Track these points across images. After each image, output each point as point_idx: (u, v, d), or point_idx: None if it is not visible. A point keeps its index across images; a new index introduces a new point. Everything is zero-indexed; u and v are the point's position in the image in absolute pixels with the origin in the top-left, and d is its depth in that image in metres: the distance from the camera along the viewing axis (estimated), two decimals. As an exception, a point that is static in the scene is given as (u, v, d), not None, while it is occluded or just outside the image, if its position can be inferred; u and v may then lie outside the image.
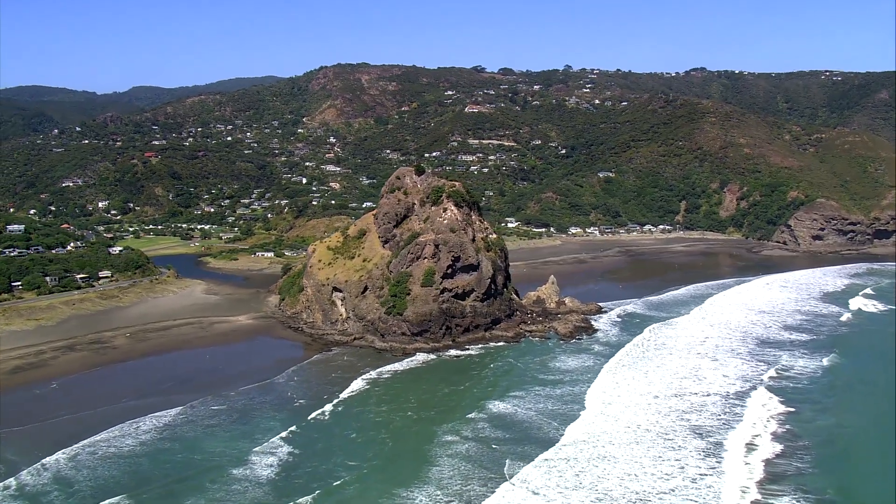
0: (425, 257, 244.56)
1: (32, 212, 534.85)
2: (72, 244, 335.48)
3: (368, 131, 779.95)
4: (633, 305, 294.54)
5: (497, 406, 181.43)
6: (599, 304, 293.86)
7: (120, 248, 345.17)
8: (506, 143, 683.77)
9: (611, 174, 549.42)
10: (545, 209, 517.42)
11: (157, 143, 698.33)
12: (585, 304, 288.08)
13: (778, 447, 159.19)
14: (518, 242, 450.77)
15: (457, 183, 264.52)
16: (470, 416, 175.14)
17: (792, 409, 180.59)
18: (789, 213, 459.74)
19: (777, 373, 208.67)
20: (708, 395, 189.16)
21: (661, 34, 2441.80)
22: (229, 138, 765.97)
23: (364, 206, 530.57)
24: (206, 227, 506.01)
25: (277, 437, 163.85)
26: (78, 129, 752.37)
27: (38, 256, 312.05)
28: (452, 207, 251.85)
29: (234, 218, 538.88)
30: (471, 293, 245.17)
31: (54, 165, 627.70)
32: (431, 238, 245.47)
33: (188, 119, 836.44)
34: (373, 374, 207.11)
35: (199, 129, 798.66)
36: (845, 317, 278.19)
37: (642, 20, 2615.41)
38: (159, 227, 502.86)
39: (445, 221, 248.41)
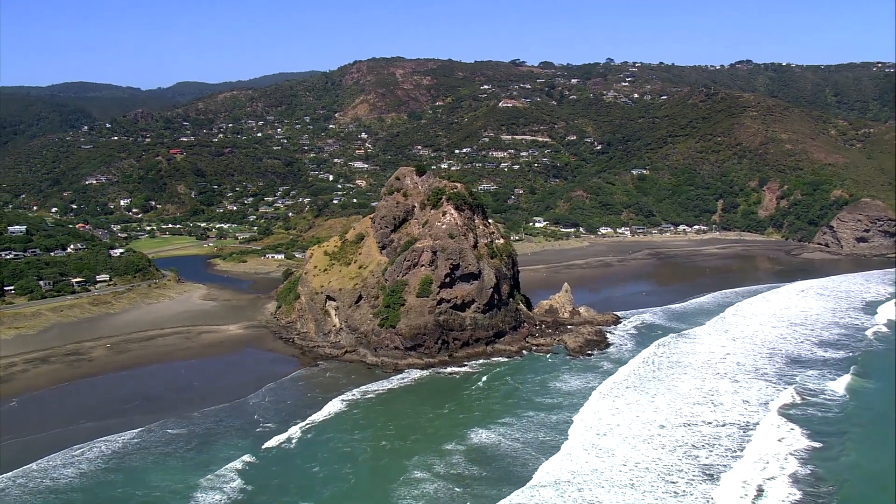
0: (422, 265, 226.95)
1: (54, 210, 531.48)
2: (71, 247, 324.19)
3: (401, 126, 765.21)
4: (654, 315, 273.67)
5: (480, 435, 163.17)
6: (618, 313, 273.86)
7: (121, 251, 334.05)
8: (540, 139, 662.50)
9: (644, 171, 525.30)
10: (575, 208, 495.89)
11: (185, 139, 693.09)
12: (601, 314, 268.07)
13: (796, 494, 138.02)
14: (543, 244, 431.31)
15: (458, 184, 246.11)
16: (448, 446, 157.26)
17: (818, 445, 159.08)
18: (832, 213, 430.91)
19: (804, 398, 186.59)
20: (723, 426, 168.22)
21: (707, 26, 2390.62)
22: (259, 134, 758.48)
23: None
24: (226, 226, 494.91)
25: (232, 469, 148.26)
26: (108, 125, 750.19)
27: (34, 259, 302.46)
28: (452, 211, 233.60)
29: (255, 217, 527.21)
30: (471, 304, 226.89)
31: (81, 163, 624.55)
32: (429, 244, 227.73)
33: (219, 115, 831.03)
34: (355, 393, 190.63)
35: (230, 125, 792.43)
36: (889, 331, 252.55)
37: (688, 12, 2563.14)
38: (178, 225, 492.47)
39: (444, 226, 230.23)
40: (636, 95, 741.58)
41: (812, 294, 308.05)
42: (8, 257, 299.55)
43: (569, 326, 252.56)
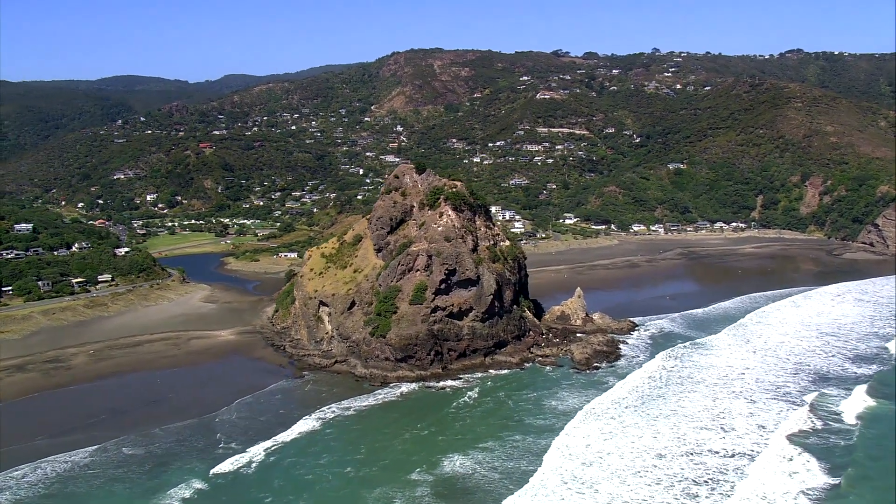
0: (417, 270, 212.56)
1: (80, 205, 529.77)
2: (76, 246, 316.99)
3: (437, 119, 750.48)
4: (673, 322, 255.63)
5: (454, 463, 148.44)
6: (636, 319, 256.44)
7: (126, 250, 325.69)
8: (577, 132, 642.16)
9: (681, 166, 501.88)
10: (607, 204, 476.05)
11: (217, 132, 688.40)
12: (616, 321, 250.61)
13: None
14: (570, 242, 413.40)
15: (458, 183, 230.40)
16: (416, 476, 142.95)
17: (837, 481, 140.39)
18: (878, 210, 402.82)
19: (827, 424, 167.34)
20: (732, 456, 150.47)
21: (756, 14, 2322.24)
22: (293, 127, 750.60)
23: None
24: (248, 222, 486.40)
25: (178, 497, 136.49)
26: (142, 119, 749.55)
27: (35, 259, 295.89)
28: (450, 212, 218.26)
29: (280, 212, 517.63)
30: (469, 312, 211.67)
31: (113, 157, 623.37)
32: (424, 248, 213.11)
33: (254, 108, 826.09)
34: (334, 409, 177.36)
35: (265, 118, 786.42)
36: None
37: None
38: (200, 221, 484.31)
39: (440, 228, 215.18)
40: (679, 86, 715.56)
41: (850, 299, 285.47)
42: (9, 256, 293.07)
43: (579, 335, 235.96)
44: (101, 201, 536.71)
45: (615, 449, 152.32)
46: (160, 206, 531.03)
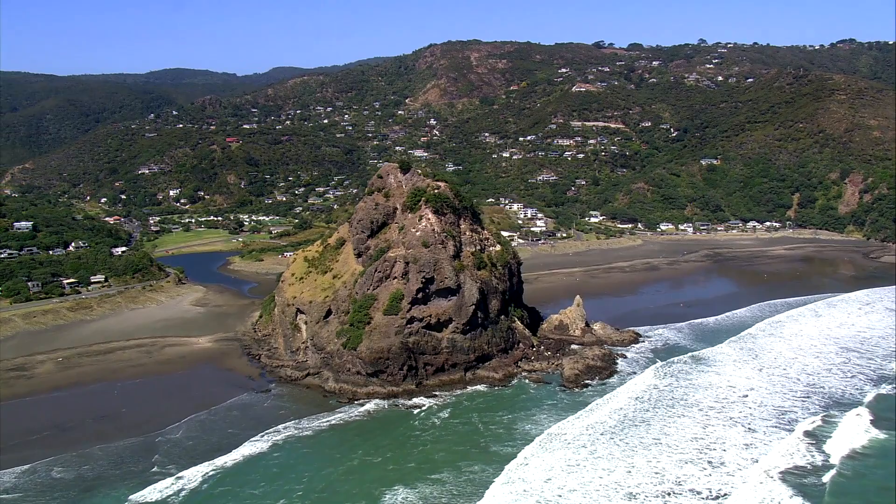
0: (395, 277, 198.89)
1: (103, 200, 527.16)
2: (73, 245, 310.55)
3: (472, 112, 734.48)
4: (680, 332, 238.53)
5: (396, 497, 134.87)
6: (642, 329, 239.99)
7: (123, 249, 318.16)
8: (612, 125, 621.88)
9: (715, 162, 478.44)
10: (634, 202, 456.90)
11: (247, 126, 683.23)
12: (619, 332, 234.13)
13: None
14: (591, 242, 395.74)
15: (441, 184, 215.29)
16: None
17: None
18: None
19: (840, 461, 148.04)
20: (715, 499, 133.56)
21: (808, 2, 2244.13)
22: (325, 121, 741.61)
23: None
24: (267, 218, 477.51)
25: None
26: (175, 113, 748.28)
27: (28, 259, 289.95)
28: (430, 216, 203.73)
29: (301, 208, 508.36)
30: (448, 323, 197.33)
31: (142, 151, 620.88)
32: (401, 253, 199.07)
33: (288, 101, 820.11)
34: (290, 429, 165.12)
35: (298, 112, 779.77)
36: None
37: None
38: (219, 217, 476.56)
39: (418, 233, 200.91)
40: (720, 78, 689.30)
41: (880, 308, 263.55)
42: (1, 256, 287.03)
43: (574, 347, 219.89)
44: (123, 196, 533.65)
45: (579, 485, 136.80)
46: (182, 201, 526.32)
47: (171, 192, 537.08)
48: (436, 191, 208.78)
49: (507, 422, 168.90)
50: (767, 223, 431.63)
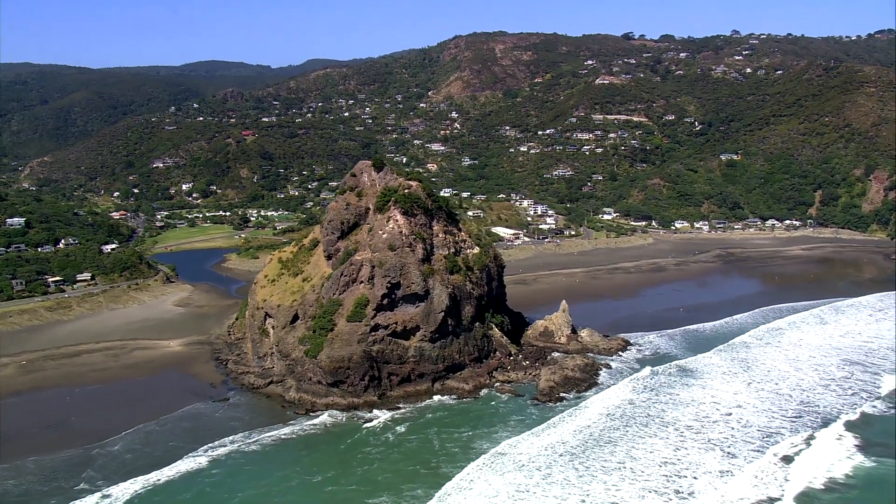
0: (361, 281, 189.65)
1: (116, 194, 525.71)
2: (62, 242, 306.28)
3: (494, 105, 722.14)
4: (672, 339, 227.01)
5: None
6: (632, 336, 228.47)
7: (113, 246, 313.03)
8: (634, 119, 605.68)
9: (735, 157, 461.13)
10: (649, 198, 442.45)
11: (266, 119, 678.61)
12: (607, 339, 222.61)
13: None
14: (599, 241, 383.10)
15: (413, 183, 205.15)
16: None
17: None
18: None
19: (812, 492, 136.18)
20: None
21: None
22: (346, 114, 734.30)
23: (444, 192, 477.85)
24: (275, 213, 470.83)
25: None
26: (195, 105, 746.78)
27: (14, 256, 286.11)
28: (399, 217, 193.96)
29: (312, 203, 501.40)
30: (416, 331, 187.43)
31: (161, 145, 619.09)
32: (368, 257, 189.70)
33: (310, 94, 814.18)
34: (237, 443, 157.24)
35: (320, 104, 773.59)
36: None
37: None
38: (227, 213, 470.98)
39: (385, 236, 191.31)
40: (749, 70, 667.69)
41: (893, 315, 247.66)
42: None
43: (556, 355, 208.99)
44: (136, 190, 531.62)
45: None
46: (194, 195, 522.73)
47: (184, 187, 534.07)
48: (406, 191, 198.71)
49: (466, 439, 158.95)
50: (787, 221, 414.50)
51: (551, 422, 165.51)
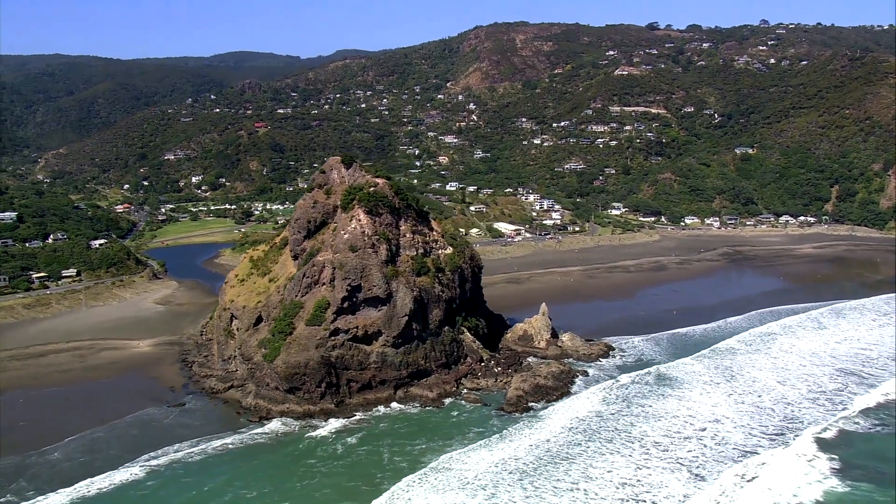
0: (323, 283, 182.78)
1: (126, 187, 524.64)
2: (51, 237, 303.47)
3: (513, 96, 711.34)
4: (659, 344, 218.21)
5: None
6: (616, 340, 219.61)
7: (101, 242, 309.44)
8: (653, 110, 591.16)
9: (750, 151, 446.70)
10: (660, 193, 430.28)
11: (281, 111, 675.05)
12: (589, 344, 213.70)
13: None
14: (602, 238, 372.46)
15: (379, 181, 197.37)
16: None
17: None
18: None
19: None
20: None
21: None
22: (363, 105, 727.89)
23: (450, 186, 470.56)
24: (281, 207, 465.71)
25: None
26: (213, 97, 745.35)
27: (0, 251, 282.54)
28: (361, 217, 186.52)
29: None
30: (378, 335, 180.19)
31: (175, 136, 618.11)
32: (329, 258, 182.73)
33: (328, 85, 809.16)
34: (182, 451, 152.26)
35: (338, 96, 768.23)
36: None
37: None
38: (232, 206, 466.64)
39: (346, 236, 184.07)
40: (772, 61, 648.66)
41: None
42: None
43: (533, 361, 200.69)
44: (146, 183, 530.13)
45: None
46: (203, 188, 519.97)
47: (194, 179, 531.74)
48: (371, 189, 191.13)
49: (418, 452, 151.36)
50: (801, 218, 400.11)
51: (509, 434, 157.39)
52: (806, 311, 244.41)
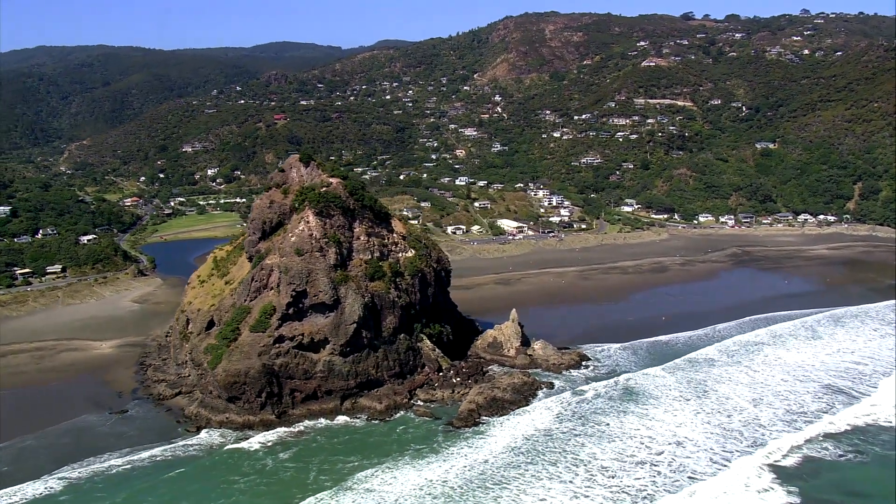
0: (271, 288, 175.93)
1: (142, 179, 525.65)
2: (40, 233, 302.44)
3: (540, 88, 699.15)
4: (636, 353, 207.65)
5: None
6: (592, 349, 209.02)
7: (90, 237, 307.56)
8: (679, 103, 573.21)
9: (771, 146, 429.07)
10: (674, 189, 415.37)
11: (304, 102, 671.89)
12: (561, 353, 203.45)
13: None
14: (607, 236, 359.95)
15: (333, 181, 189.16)
16: None
17: None
18: None
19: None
20: None
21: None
22: (388, 97, 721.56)
23: (459, 181, 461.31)
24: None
25: None
26: (238, 88, 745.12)
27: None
28: (310, 218, 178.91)
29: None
30: (326, 343, 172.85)
31: (197, 128, 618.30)
32: (276, 261, 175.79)
33: (355, 76, 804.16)
34: (107, 462, 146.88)
35: (364, 87, 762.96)
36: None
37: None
38: (242, 200, 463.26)
39: (293, 239, 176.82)
40: (806, 52, 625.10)
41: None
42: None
43: (496, 370, 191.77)
44: (162, 175, 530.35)
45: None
46: (218, 180, 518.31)
47: (209, 172, 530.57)
48: (322, 189, 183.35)
49: (348, 471, 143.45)
50: (821, 216, 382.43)
51: (447, 453, 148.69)
52: (801, 317, 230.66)
